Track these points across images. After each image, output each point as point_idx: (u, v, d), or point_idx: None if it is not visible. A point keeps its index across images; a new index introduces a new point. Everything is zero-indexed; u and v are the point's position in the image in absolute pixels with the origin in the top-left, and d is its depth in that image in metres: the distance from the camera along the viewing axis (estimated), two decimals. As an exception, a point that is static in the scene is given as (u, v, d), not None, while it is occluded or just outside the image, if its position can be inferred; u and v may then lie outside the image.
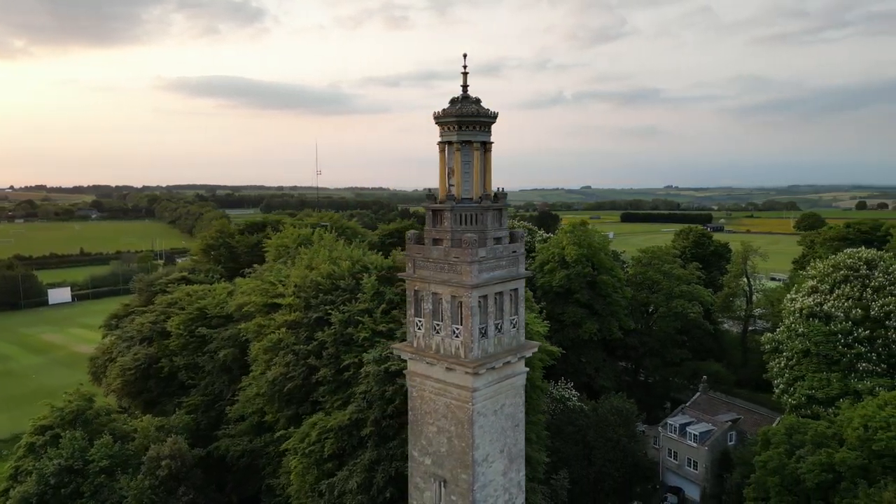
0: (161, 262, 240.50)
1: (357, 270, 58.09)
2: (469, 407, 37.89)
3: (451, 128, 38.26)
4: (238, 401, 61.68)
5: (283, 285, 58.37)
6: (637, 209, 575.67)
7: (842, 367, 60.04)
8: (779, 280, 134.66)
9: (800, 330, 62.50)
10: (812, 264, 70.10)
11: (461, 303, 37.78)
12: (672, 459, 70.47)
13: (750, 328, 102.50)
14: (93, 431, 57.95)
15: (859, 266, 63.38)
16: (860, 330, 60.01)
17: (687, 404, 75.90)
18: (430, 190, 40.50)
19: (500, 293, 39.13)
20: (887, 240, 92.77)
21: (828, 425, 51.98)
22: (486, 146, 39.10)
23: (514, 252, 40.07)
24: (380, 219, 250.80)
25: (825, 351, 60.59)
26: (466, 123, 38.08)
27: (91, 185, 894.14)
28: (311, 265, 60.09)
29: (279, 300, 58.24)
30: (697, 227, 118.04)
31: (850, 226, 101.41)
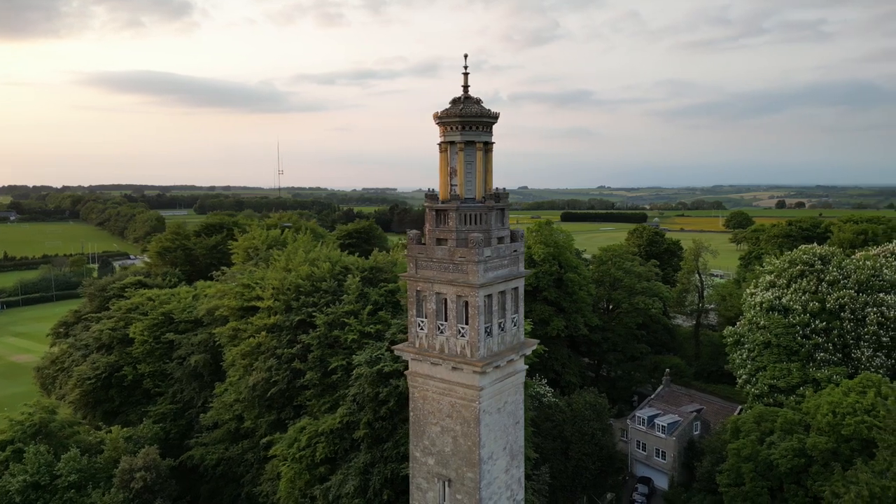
0: (95, 266, 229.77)
1: (337, 272, 57.43)
2: (475, 406, 38.11)
3: (455, 128, 38.35)
4: (212, 407, 59.92)
5: (262, 288, 56.98)
6: (574, 209, 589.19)
7: (801, 357, 63.38)
8: (719, 276, 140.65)
9: (761, 323, 65.62)
10: (768, 260, 73.76)
11: (466, 302, 37.93)
12: (640, 451, 72.71)
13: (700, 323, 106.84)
14: (57, 445, 55.10)
15: (814, 261, 67.12)
16: (817, 322, 63.52)
17: (652, 397, 78.49)
18: (430, 190, 40.40)
19: (503, 292, 39.49)
20: (827, 236, 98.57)
21: (794, 413, 54.83)
22: (487, 146, 39.43)
23: (515, 251, 40.52)
24: (322, 220, 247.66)
25: (785, 342, 63.83)
26: (470, 124, 38.26)
27: (6, 185, 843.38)
28: (289, 267, 58.99)
29: (257, 303, 56.87)
30: (649, 226, 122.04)
31: (792, 223, 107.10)
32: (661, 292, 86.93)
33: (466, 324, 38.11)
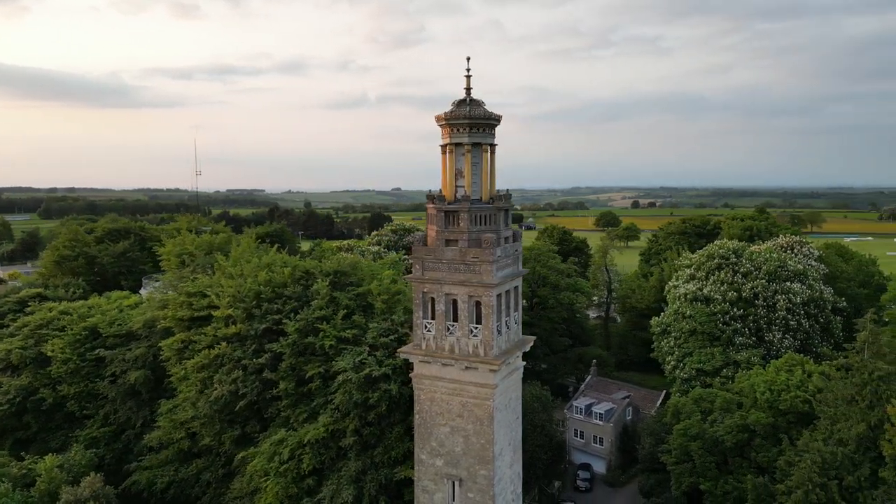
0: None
1: (298, 277, 55.44)
2: (489, 404, 38.78)
3: (462, 129, 38.75)
4: (158, 427, 55.60)
5: (217, 296, 53.67)
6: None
7: (722, 342, 69.85)
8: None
9: (687, 312, 71.51)
10: (685, 254, 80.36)
11: (478, 302, 38.48)
12: (578, 439, 76.39)
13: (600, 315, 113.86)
14: (-20, 481, 48.64)
15: (729, 255, 74.20)
16: (735, 309, 70.32)
17: (582, 387, 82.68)
18: (431, 191, 40.46)
19: (508, 291, 40.45)
20: (717, 233, 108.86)
21: (730, 393, 60.36)
22: (492, 148, 40.14)
23: (516, 251, 41.63)
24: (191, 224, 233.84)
25: (708, 329, 70.05)
26: (477, 125, 38.86)
27: None
28: (242, 273, 56.02)
29: (213, 312, 53.50)
30: (559, 225, 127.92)
31: (686, 221, 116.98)
32: (582, 288, 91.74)
33: (478, 323, 38.66)
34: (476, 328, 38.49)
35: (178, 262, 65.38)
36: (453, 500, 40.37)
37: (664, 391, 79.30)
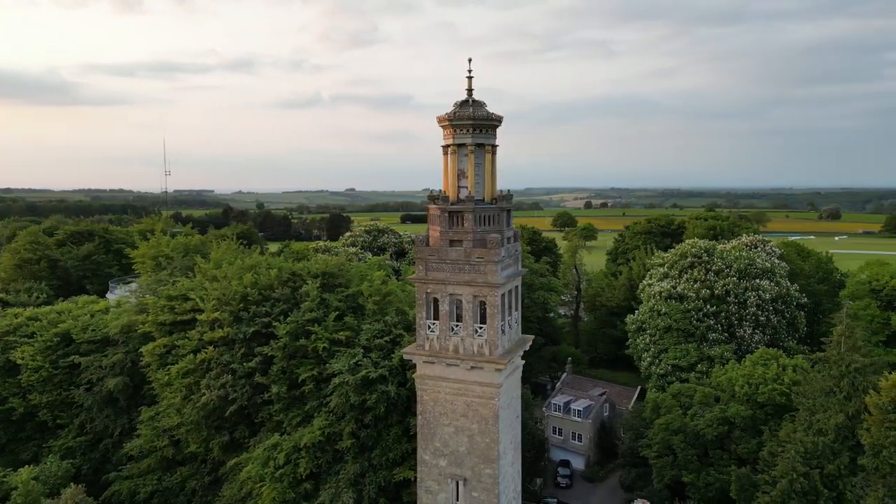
0: None
1: (286, 279, 54.61)
2: (495, 403, 39.09)
3: (466, 130, 38.97)
4: (139, 435, 53.94)
5: (203, 300, 52.39)
6: (409, 210, 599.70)
7: (696, 338, 71.86)
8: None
9: (662, 310, 73.31)
10: (658, 254, 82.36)
11: (482, 302, 38.74)
12: (557, 436, 77.42)
13: (570, 313, 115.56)
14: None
15: (701, 253, 76.43)
16: (708, 306, 72.46)
17: (559, 385, 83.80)
18: (433, 192, 40.52)
19: (510, 291, 40.83)
20: (681, 232, 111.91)
21: (708, 388, 62.15)
22: (493, 148, 40.42)
23: (517, 251, 42.05)
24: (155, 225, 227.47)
25: (683, 326, 71.97)
26: (480, 126, 39.15)
27: None
28: (225, 275, 54.83)
29: (197, 316, 52.22)
30: (527, 225, 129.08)
31: (651, 221, 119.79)
32: (556, 287, 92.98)
33: (482, 323, 38.90)
34: (481, 328, 38.72)
35: (154, 264, 63.45)
36: (457, 499, 40.49)
37: (639, 387, 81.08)
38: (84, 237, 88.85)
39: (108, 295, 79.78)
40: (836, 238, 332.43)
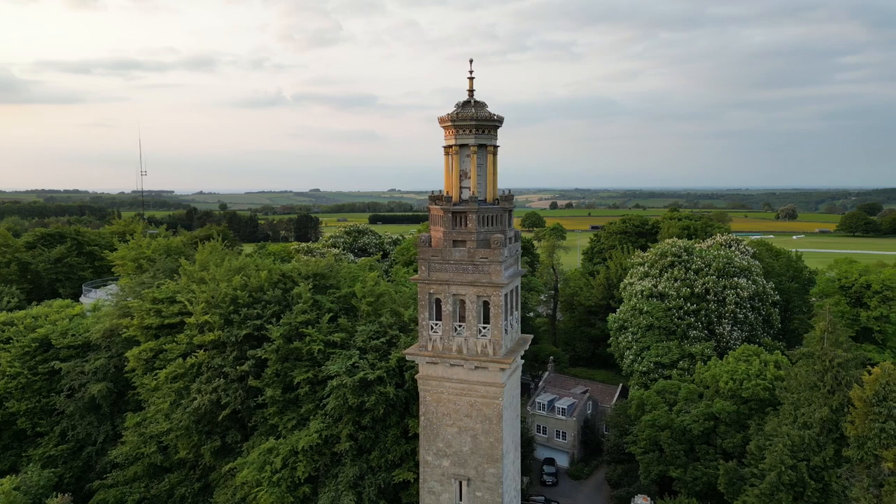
0: None
1: (276, 280, 53.93)
2: (498, 402, 39.24)
3: (469, 131, 39.04)
4: (125, 442, 52.62)
5: (191, 302, 51.34)
6: (375, 211, 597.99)
7: (677, 335, 73.25)
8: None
9: (644, 309, 74.51)
10: (637, 253, 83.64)
11: (486, 302, 38.86)
12: (541, 434, 78.02)
13: (547, 312, 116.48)
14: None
15: (681, 252, 77.94)
16: (688, 304, 73.93)
17: (542, 384, 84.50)
18: (435, 192, 40.49)
19: (512, 290, 41.04)
20: (656, 231, 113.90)
21: (693, 385, 63.47)
22: (495, 149, 40.58)
23: (517, 251, 42.30)
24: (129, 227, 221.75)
25: (664, 324, 73.31)
26: (483, 127, 39.26)
27: None
28: (214, 277, 53.87)
29: (186, 319, 51.19)
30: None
31: (626, 221, 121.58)
32: (537, 286, 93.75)
33: (486, 323, 39.03)
34: (485, 328, 38.83)
35: (135, 266, 61.91)
36: (460, 499, 40.52)
37: (620, 385, 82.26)
38: (55, 239, 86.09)
39: (82, 298, 77.60)
40: (794, 237, 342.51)
